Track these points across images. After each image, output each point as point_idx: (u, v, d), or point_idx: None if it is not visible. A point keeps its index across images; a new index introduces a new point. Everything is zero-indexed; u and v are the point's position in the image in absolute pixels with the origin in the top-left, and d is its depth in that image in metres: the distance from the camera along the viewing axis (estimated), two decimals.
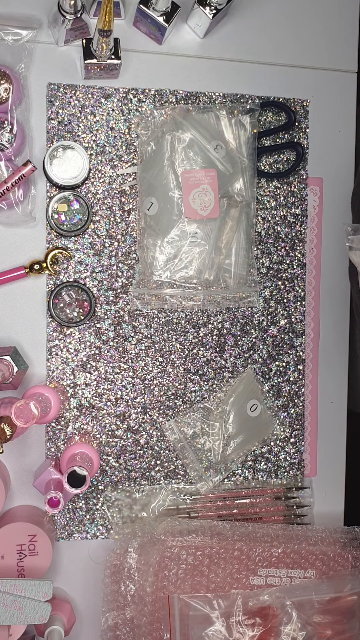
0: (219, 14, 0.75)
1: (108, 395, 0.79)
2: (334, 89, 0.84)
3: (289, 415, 0.84)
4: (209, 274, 0.78)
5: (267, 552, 0.76)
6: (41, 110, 0.77)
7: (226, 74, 0.81)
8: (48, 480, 0.73)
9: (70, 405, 0.78)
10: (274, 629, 0.75)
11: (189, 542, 0.74)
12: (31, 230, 0.76)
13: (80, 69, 0.77)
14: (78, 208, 0.77)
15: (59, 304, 0.77)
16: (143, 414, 0.80)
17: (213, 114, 0.78)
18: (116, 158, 0.78)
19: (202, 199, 0.76)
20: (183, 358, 0.80)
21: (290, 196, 0.83)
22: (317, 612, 0.76)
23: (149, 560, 0.74)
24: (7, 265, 0.76)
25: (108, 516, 0.79)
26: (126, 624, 0.76)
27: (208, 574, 0.75)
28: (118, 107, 0.78)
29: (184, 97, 0.80)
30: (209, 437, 0.81)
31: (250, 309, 0.82)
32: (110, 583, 0.76)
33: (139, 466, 0.80)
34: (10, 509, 0.77)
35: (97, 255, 0.78)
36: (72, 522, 0.79)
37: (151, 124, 0.78)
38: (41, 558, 0.73)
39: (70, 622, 0.75)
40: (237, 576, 0.76)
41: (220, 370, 0.82)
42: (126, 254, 0.79)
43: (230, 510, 0.82)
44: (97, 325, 0.78)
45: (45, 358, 0.77)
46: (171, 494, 0.81)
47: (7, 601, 0.64)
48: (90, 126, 0.78)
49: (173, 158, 0.76)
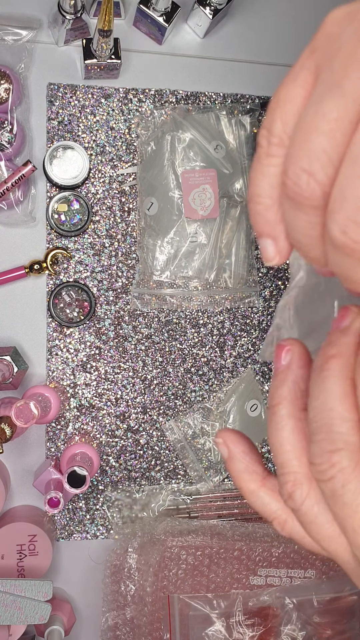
0: (219, 14, 0.75)
1: (108, 395, 0.79)
2: None
3: None
4: (209, 274, 0.78)
5: (267, 552, 0.76)
6: (41, 110, 0.77)
7: (226, 74, 0.81)
8: (48, 480, 0.73)
9: (70, 405, 0.78)
10: (274, 629, 0.75)
11: (189, 542, 0.74)
12: (31, 230, 0.76)
13: (80, 69, 0.77)
14: (78, 208, 0.77)
15: (59, 304, 0.77)
16: (143, 414, 0.80)
17: (213, 114, 0.78)
18: (116, 158, 0.78)
19: (202, 199, 0.76)
20: (183, 358, 0.80)
21: None
22: (317, 612, 0.76)
23: (149, 560, 0.74)
24: (7, 265, 0.76)
25: (108, 516, 0.79)
26: (126, 624, 0.76)
27: (208, 574, 0.75)
28: (118, 107, 0.78)
29: (184, 97, 0.80)
30: (209, 437, 0.81)
31: (250, 309, 0.82)
32: (110, 583, 0.76)
33: (139, 466, 0.80)
34: (10, 509, 0.77)
35: (97, 255, 0.78)
36: (72, 522, 0.79)
37: (151, 124, 0.78)
38: (41, 558, 0.73)
39: (70, 622, 0.75)
40: (237, 576, 0.76)
41: (220, 370, 0.82)
42: (126, 254, 0.79)
43: (230, 510, 0.82)
44: (97, 325, 0.78)
45: (45, 358, 0.77)
46: (171, 494, 0.81)
47: (7, 601, 0.64)
48: (90, 126, 0.78)
49: (173, 158, 0.76)
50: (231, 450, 0.32)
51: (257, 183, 0.26)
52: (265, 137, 0.25)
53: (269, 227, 0.27)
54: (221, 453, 0.33)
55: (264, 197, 0.26)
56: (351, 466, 0.25)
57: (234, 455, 0.32)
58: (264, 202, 0.26)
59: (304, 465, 0.28)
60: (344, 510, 0.26)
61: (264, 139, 0.26)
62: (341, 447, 0.25)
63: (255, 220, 0.27)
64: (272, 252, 0.27)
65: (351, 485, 0.25)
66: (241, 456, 0.32)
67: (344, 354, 0.26)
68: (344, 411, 0.26)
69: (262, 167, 0.26)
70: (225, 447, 0.32)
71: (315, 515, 0.28)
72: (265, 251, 0.28)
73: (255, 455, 0.32)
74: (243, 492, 0.32)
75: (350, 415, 0.26)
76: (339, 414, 0.26)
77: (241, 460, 0.32)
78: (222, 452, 0.32)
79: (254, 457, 0.32)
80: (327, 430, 0.26)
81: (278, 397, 0.29)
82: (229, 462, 0.32)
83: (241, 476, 0.31)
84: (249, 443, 0.32)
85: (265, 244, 0.27)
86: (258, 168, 0.26)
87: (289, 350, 0.29)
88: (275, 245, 0.27)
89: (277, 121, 0.25)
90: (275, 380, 0.29)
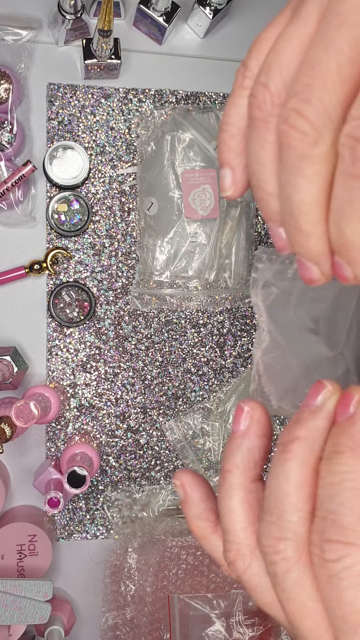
0: (219, 14, 0.75)
1: (108, 395, 0.79)
2: None
3: None
4: (209, 274, 0.78)
5: None
6: (41, 110, 0.77)
7: (226, 74, 0.81)
8: (48, 480, 0.73)
9: (70, 405, 0.78)
10: (274, 629, 0.75)
11: (189, 542, 0.74)
12: (31, 230, 0.76)
13: (80, 69, 0.77)
14: (78, 208, 0.77)
15: (59, 304, 0.77)
16: (143, 414, 0.80)
17: (213, 114, 0.78)
18: (116, 158, 0.78)
19: (202, 199, 0.76)
20: (183, 358, 0.80)
21: None
22: None
23: (149, 560, 0.74)
24: (7, 265, 0.76)
25: (108, 516, 0.79)
26: (126, 624, 0.76)
27: (208, 574, 0.75)
28: (118, 107, 0.78)
29: (184, 97, 0.80)
30: (209, 437, 0.81)
31: (250, 309, 0.82)
32: (110, 583, 0.76)
33: (139, 466, 0.80)
34: (10, 509, 0.77)
35: (97, 255, 0.78)
36: (72, 522, 0.79)
37: (151, 124, 0.78)
38: (41, 558, 0.73)
39: (70, 622, 0.75)
40: None
41: (220, 370, 0.82)
42: (126, 254, 0.79)
43: None
44: (97, 325, 0.78)
45: (45, 358, 0.77)
46: (171, 494, 0.81)
47: (7, 601, 0.64)
48: (90, 126, 0.78)
49: (173, 158, 0.76)
50: (188, 494, 0.32)
51: (228, 112, 0.28)
52: (241, 72, 0.27)
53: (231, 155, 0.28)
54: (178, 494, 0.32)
55: (231, 125, 0.28)
56: (295, 556, 0.25)
57: (189, 499, 0.32)
58: (230, 129, 0.28)
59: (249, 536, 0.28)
60: (282, 595, 0.26)
61: (239, 73, 0.27)
62: (289, 537, 0.25)
63: (221, 149, 0.28)
64: (229, 182, 0.28)
65: (293, 574, 0.25)
66: (197, 502, 0.31)
67: (309, 438, 0.26)
68: (298, 501, 0.25)
69: (234, 98, 0.27)
70: (183, 489, 0.32)
71: (256, 584, 0.28)
72: (223, 181, 0.28)
73: (211, 503, 0.32)
74: (195, 536, 0.32)
75: (304, 505, 0.25)
76: (293, 503, 0.25)
77: (196, 506, 0.31)
78: (179, 494, 0.32)
79: (209, 505, 0.31)
80: (278, 515, 0.26)
81: (230, 464, 0.29)
82: (185, 505, 0.32)
83: (194, 521, 0.31)
84: (206, 488, 0.32)
85: (225, 174, 0.28)
86: (231, 100, 0.28)
87: (248, 414, 0.29)
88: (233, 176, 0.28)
89: (253, 58, 0.27)
90: (231, 445, 0.29)
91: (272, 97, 0.25)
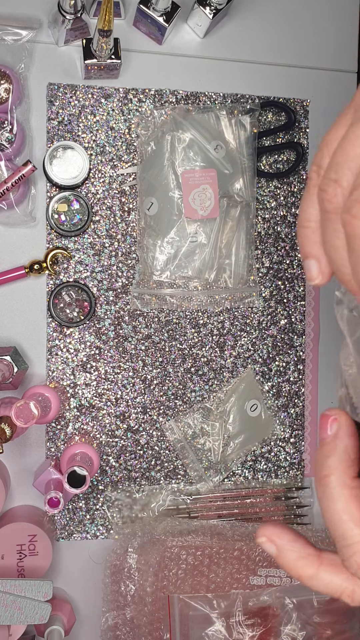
0: (219, 14, 0.75)
1: (108, 395, 0.79)
2: (334, 89, 0.84)
3: (289, 415, 0.84)
4: (209, 274, 0.78)
5: (267, 552, 0.76)
6: (41, 110, 0.77)
7: (226, 74, 0.81)
8: (48, 480, 0.73)
9: (70, 405, 0.78)
10: (274, 629, 0.75)
11: (189, 542, 0.74)
12: (31, 230, 0.76)
13: (80, 69, 0.77)
14: (78, 208, 0.77)
15: (59, 304, 0.77)
16: (143, 414, 0.80)
17: (213, 114, 0.78)
18: (116, 158, 0.78)
19: (202, 199, 0.76)
20: (183, 358, 0.80)
21: (290, 196, 0.83)
22: (317, 612, 0.76)
23: (149, 560, 0.74)
24: (7, 265, 0.76)
25: (108, 516, 0.79)
26: (126, 624, 0.76)
27: (208, 574, 0.75)
28: (118, 107, 0.78)
29: (184, 97, 0.80)
30: (209, 437, 0.81)
31: (250, 309, 0.82)
32: (110, 583, 0.76)
33: (139, 466, 0.80)
34: (10, 509, 0.77)
35: (97, 255, 0.78)
36: (72, 522, 0.79)
37: (151, 124, 0.78)
38: (41, 558, 0.73)
39: (70, 622, 0.75)
40: (237, 576, 0.76)
41: (220, 370, 0.82)
42: (126, 254, 0.79)
43: (230, 510, 0.82)
44: (97, 325, 0.78)
45: (45, 358, 0.77)
46: (171, 494, 0.81)
47: (7, 601, 0.64)
48: (90, 126, 0.78)
49: (173, 158, 0.76)
50: (278, 545, 0.31)
51: (306, 209, 0.30)
52: (315, 171, 0.30)
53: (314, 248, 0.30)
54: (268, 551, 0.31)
55: (311, 222, 0.30)
56: None
57: (282, 548, 0.31)
58: (310, 225, 0.30)
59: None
60: None
61: (314, 173, 0.29)
62: None
63: (302, 243, 0.30)
64: (315, 271, 0.30)
65: None
66: (290, 546, 0.31)
67: None
68: None
69: (311, 196, 0.30)
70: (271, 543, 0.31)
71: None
72: (309, 271, 0.30)
73: (302, 539, 0.31)
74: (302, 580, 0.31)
75: None
76: None
77: (291, 549, 0.31)
78: (269, 550, 0.31)
79: (302, 541, 0.31)
80: None
81: (328, 467, 0.29)
82: (280, 555, 0.31)
83: (296, 565, 0.31)
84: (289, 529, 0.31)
85: (310, 265, 0.30)
86: (307, 197, 0.30)
87: (334, 420, 0.29)
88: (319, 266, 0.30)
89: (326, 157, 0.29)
90: (323, 450, 0.29)
91: (344, 190, 0.27)
